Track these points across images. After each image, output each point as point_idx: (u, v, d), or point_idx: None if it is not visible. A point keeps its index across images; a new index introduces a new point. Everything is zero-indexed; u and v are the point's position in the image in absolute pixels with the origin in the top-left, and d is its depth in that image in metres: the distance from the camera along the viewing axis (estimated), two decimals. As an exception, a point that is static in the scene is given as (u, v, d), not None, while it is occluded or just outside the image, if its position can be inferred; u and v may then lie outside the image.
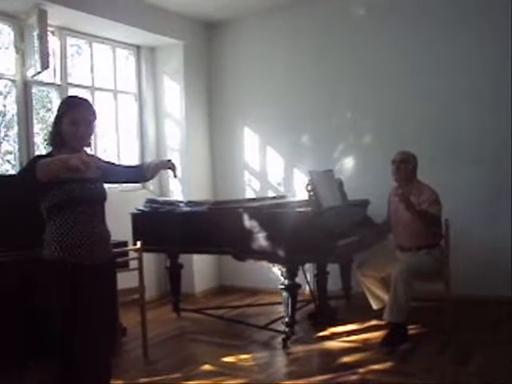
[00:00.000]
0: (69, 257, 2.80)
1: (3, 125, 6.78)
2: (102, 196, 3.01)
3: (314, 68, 6.60)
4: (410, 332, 4.68)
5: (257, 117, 7.00)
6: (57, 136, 2.91)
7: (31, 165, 2.75)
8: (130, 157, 6.81)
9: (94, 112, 2.98)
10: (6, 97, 6.40)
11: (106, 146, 6.65)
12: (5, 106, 6.56)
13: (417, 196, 4.82)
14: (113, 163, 3.32)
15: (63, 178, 2.72)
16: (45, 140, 2.80)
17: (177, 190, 6.95)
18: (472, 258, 5.54)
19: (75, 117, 2.87)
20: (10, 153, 6.72)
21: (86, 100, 3.04)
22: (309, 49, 6.63)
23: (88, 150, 3.05)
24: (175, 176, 3.44)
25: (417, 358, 4.31)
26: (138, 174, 3.37)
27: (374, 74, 6.24)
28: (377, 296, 5.17)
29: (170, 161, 3.44)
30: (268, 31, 6.88)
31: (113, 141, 6.69)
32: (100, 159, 3.20)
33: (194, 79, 7.04)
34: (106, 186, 3.11)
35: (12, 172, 5.95)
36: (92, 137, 3.01)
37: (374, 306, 5.20)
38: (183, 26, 6.88)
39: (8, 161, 6.96)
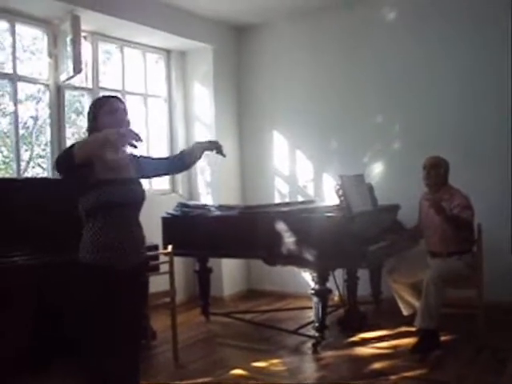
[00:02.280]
0: (102, 260, 2.76)
1: (35, 129, 6.88)
2: (141, 198, 2.97)
3: (342, 72, 6.58)
4: (442, 339, 4.61)
5: (286, 121, 6.99)
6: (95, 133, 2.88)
7: (67, 153, 2.72)
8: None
9: (125, 104, 3.03)
10: (38, 102, 6.50)
11: (135, 150, 6.68)
12: (37, 110, 6.65)
13: (448, 201, 4.76)
14: (148, 157, 3.31)
15: (104, 175, 2.76)
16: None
17: (206, 194, 6.98)
18: (502, 263, 5.45)
19: (112, 106, 2.92)
20: (42, 157, 6.82)
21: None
22: (337, 53, 6.61)
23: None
24: (224, 156, 3.30)
25: (449, 365, 4.25)
26: (177, 163, 3.28)
27: (401, 79, 6.19)
28: (407, 302, 5.12)
29: (216, 142, 3.31)
30: (297, 35, 6.88)
31: (143, 144, 6.70)
32: (136, 156, 3.20)
33: (223, 83, 7.07)
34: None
35: (43, 175, 6.03)
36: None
37: (405, 312, 5.15)
38: (213, 30, 6.92)
39: (39, 164, 7.06)
